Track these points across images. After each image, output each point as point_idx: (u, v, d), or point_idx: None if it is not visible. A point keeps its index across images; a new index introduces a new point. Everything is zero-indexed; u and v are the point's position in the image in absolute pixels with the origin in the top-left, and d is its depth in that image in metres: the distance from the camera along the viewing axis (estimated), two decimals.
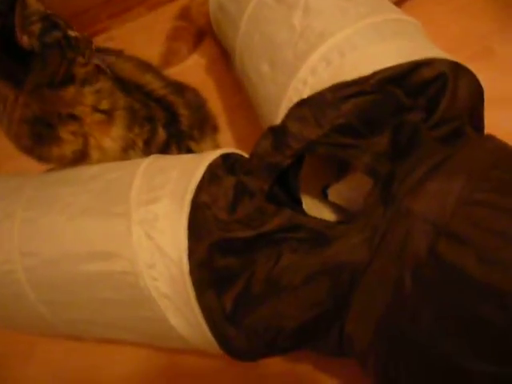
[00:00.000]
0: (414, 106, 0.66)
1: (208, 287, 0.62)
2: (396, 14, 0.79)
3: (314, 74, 0.70)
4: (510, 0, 1.06)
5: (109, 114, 0.80)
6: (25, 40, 0.65)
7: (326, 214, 0.81)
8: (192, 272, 0.61)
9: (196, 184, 0.65)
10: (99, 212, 0.69)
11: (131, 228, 0.64)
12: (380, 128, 0.65)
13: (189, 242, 0.62)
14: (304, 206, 0.80)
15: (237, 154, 0.75)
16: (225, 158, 0.72)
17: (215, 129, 1.12)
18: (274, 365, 0.81)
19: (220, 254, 0.62)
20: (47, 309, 0.75)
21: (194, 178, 0.66)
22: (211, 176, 0.67)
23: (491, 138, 0.62)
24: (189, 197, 0.64)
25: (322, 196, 0.83)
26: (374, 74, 0.65)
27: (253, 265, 0.62)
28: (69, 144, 0.77)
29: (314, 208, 0.81)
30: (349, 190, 0.81)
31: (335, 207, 0.82)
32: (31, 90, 0.70)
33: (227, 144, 1.13)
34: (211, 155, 0.70)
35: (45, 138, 0.76)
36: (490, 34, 1.02)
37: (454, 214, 0.52)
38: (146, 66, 0.94)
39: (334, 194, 0.81)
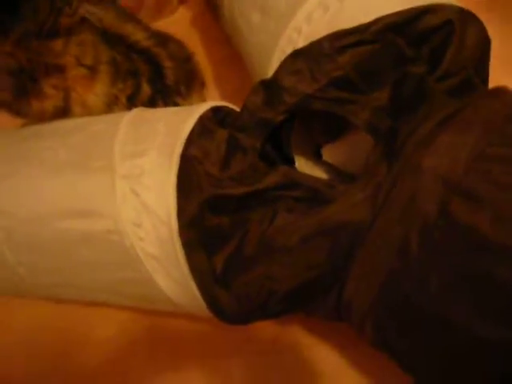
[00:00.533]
0: (417, 57, 0.61)
1: (198, 247, 0.59)
2: None
3: (309, 22, 0.65)
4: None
5: (92, 68, 0.75)
6: None
7: (320, 175, 0.78)
8: (181, 231, 0.58)
9: (185, 137, 0.60)
10: (79, 166, 0.64)
11: (115, 183, 0.60)
12: (380, 82, 0.61)
13: (178, 200, 0.58)
14: (297, 166, 0.76)
15: (227, 107, 0.71)
16: (215, 111, 0.67)
17: (202, 84, 1.07)
18: (263, 328, 0.78)
19: (211, 212, 0.58)
20: (26, 271, 0.71)
21: (184, 131, 0.61)
22: (202, 129, 0.62)
23: (504, 89, 0.58)
24: (178, 150, 0.59)
25: (316, 156, 0.79)
26: (375, 21, 0.60)
27: (246, 224, 0.58)
28: (51, 99, 0.72)
29: (307, 168, 0.77)
30: (345, 149, 0.78)
31: (330, 168, 0.79)
32: (18, 39, 0.65)
33: (213, 98, 1.08)
34: (201, 107, 0.66)
35: (26, 92, 0.71)
36: None
37: (467, 170, 0.49)
38: (127, 16, 0.88)
39: (328, 153, 0.78)
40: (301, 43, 0.65)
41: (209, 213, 0.58)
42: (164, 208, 0.58)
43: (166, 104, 0.90)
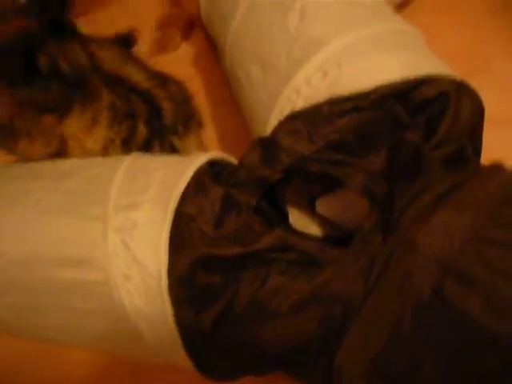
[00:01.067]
0: (412, 124, 0.63)
1: (187, 305, 0.58)
2: (397, 22, 0.76)
3: (308, 84, 0.67)
4: None
5: (93, 119, 0.76)
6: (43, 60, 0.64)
7: (313, 228, 0.79)
8: (171, 288, 0.58)
9: (181, 192, 0.61)
10: (73, 212, 0.64)
11: (107, 234, 0.60)
12: (376, 146, 0.62)
13: (169, 256, 0.58)
14: (290, 217, 0.77)
15: (224, 160, 0.71)
16: (211, 163, 0.68)
17: (200, 124, 1.08)
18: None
19: (203, 270, 0.58)
20: (8, 312, 0.70)
21: (179, 186, 0.61)
22: (197, 185, 0.62)
23: (501, 168, 0.59)
24: (172, 206, 0.59)
25: (310, 208, 0.80)
26: (374, 90, 0.62)
27: (237, 284, 0.58)
28: (43, 145, 0.73)
29: (300, 220, 0.78)
30: (339, 203, 0.78)
31: (323, 220, 0.79)
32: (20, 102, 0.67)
33: (211, 140, 1.09)
34: (198, 160, 0.66)
35: (16, 134, 0.71)
36: (491, 50, 1.00)
37: (462, 252, 0.49)
38: (126, 55, 0.90)
39: (322, 206, 0.78)
40: (300, 104, 0.67)
41: (200, 271, 0.58)
42: (155, 263, 0.58)
43: (162, 145, 0.90)
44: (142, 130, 0.85)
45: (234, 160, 0.74)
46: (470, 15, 1.08)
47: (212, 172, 0.67)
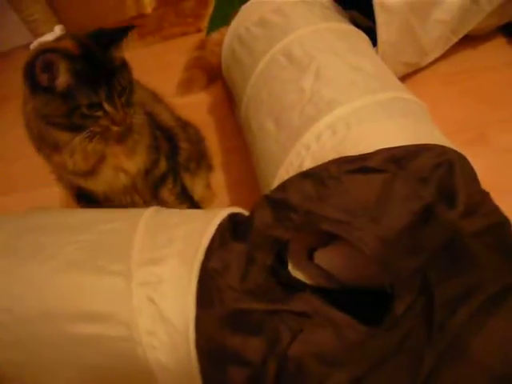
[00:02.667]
0: (426, 193, 0.62)
1: (215, 362, 0.57)
2: (403, 92, 0.82)
3: (318, 141, 0.71)
4: None
5: (133, 146, 0.84)
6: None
7: (310, 277, 0.81)
8: (198, 344, 0.57)
9: (205, 247, 0.62)
10: (92, 267, 0.63)
11: (132, 290, 0.59)
12: (388, 209, 0.62)
13: (197, 311, 0.58)
14: (289, 265, 0.79)
15: (240, 214, 0.73)
16: (230, 217, 0.70)
17: (210, 167, 1.14)
18: None
19: (231, 328, 0.58)
20: (12, 370, 0.67)
21: (204, 241, 0.62)
22: (221, 240, 0.63)
23: None
24: (198, 261, 0.60)
25: (309, 258, 0.82)
26: (379, 151, 0.65)
27: (265, 351, 0.56)
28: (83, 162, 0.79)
29: (299, 269, 0.80)
30: (337, 256, 0.80)
31: (321, 271, 0.81)
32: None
33: (218, 185, 1.14)
34: (219, 215, 0.67)
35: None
36: (489, 121, 1.05)
37: None
38: (158, 98, 0.98)
39: (320, 257, 0.81)
40: (308, 160, 0.71)
41: (229, 329, 0.57)
42: (182, 318, 0.58)
43: (175, 181, 0.96)
44: (162, 165, 0.91)
45: (246, 213, 0.76)
46: (473, 86, 1.15)
47: (231, 226, 0.69)
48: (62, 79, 0.69)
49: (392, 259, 0.59)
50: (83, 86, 0.70)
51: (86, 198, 0.90)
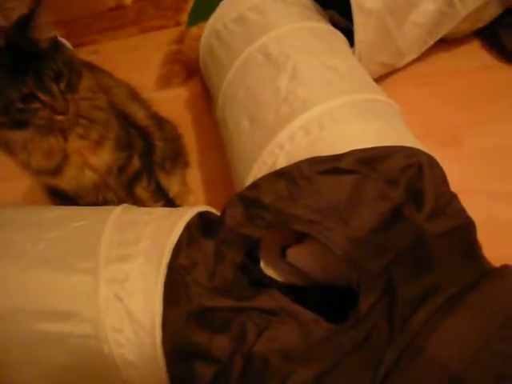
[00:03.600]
0: (394, 195, 0.64)
1: (180, 359, 0.57)
2: (377, 94, 0.83)
3: (291, 141, 0.72)
4: (486, 94, 1.12)
5: (97, 142, 0.80)
6: None
7: (282, 275, 0.81)
8: (164, 341, 0.57)
9: (173, 244, 0.62)
10: (61, 265, 0.63)
11: (99, 287, 0.59)
12: (357, 210, 0.64)
13: (164, 309, 0.58)
14: (261, 263, 0.79)
15: (210, 213, 0.73)
16: (199, 215, 0.70)
17: (186, 164, 1.13)
18: None
19: (198, 325, 0.58)
20: None
21: (172, 238, 0.62)
22: (190, 238, 0.64)
23: (510, 272, 0.57)
24: (166, 259, 0.60)
25: (281, 256, 0.83)
26: (350, 153, 0.66)
27: (232, 347, 0.57)
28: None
29: (271, 267, 0.81)
30: (308, 253, 0.81)
31: (292, 269, 0.82)
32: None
33: (194, 181, 1.13)
34: (188, 214, 0.67)
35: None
36: (459, 123, 1.07)
37: (472, 363, 0.48)
38: (134, 94, 0.95)
39: (292, 255, 0.81)
40: (281, 158, 0.71)
41: (195, 325, 0.58)
42: (148, 316, 0.58)
43: (150, 179, 0.94)
44: (136, 162, 0.90)
45: (216, 212, 0.76)
46: (443, 88, 1.17)
47: (200, 224, 0.69)
48: None
49: (359, 259, 0.61)
50: (9, 79, 0.65)
51: (59, 195, 0.87)
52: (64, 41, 0.80)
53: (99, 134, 0.80)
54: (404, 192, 0.65)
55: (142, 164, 0.91)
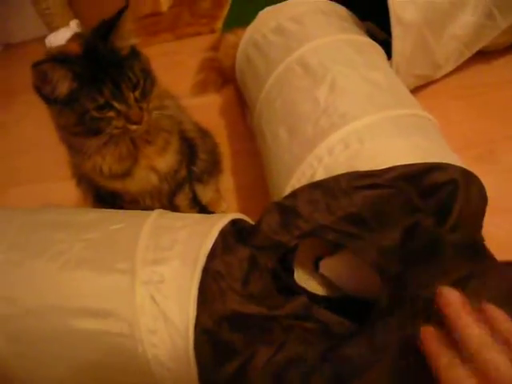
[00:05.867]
0: (424, 208, 0.66)
1: (211, 361, 0.58)
2: (416, 109, 0.82)
3: (330, 154, 0.72)
4: None
5: (163, 147, 0.83)
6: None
7: (314, 286, 0.82)
8: (196, 344, 0.58)
9: (209, 249, 0.63)
10: (98, 265, 0.65)
11: (135, 287, 0.60)
12: (390, 223, 0.65)
13: (198, 312, 0.59)
14: (295, 274, 0.80)
15: (243, 221, 0.74)
16: (233, 222, 0.71)
17: (220, 171, 1.14)
18: None
19: (227, 327, 0.59)
20: (16, 361, 0.67)
21: (206, 243, 0.63)
22: (224, 244, 0.65)
23: None
24: (201, 263, 0.61)
25: (314, 267, 0.83)
26: (390, 169, 0.66)
27: (255, 346, 0.58)
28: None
29: (303, 277, 0.81)
30: (341, 265, 0.82)
31: (325, 281, 0.82)
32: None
33: (227, 188, 1.15)
34: (223, 220, 0.69)
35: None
36: (498, 138, 1.06)
37: None
38: (183, 107, 0.97)
39: (325, 267, 0.82)
40: (320, 171, 0.72)
41: (225, 327, 0.59)
42: (182, 318, 0.59)
43: (190, 188, 0.97)
44: (183, 170, 0.92)
45: (250, 221, 0.77)
46: (484, 101, 1.15)
47: (234, 231, 0.70)
48: (62, 87, 0.65)
49: (388, 269, 0.62)
50: (86, 88, 0.65)
51: (105, 203, 0.90)
52: None
53: (165, 139, 0.82)
54: (435, 207, 0.66)
55: (187, 172, 0.93)
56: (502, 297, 0.53)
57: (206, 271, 0.61)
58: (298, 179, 0.73)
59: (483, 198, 0.71)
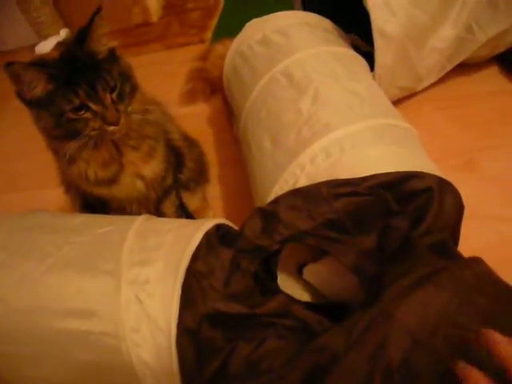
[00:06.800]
0: (401, 212, 0.68)
1: (192, 358, 0.60)
2: (397, 119, 0.85)
3: (312, 163, 0.74)
4: (503, 119, 1.14)
5: (149, 153, 0.85)
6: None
7: (298, 292, 0.83)
8: (178, 341, 0.59)
9: (192, 251, 0.65)
10: (85, 267, 0.67)
11: (120, 287, 0.62)
12: (368, 228, 0.67)
13: (180, 310, 0.61)
14: (279, 280, 0.81)
15: (227, 225, 0.76)
16: (217, 227, 0.73)
17: (207, 180, 1.16)
18: None
19: (209, 325, 0.61)
20: (2, 361, 0.69)
21: (191, 245, 0.65)
22: (208, 245, 0.67)
23: (479, 261, 0.63)
24: (185, 264, 0.63)
25: (298, 273, 0.85)
26: (369, 177, 0.69)
27: (236, 342, 0.60)
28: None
29: (287, 284, 0.83)
30: (324, 272, 0.83)
31: (308, 286, 0.84)
32: None
33: (213, 196, 1.16)
34: (207, 224, 0.71)
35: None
36: (477, 148, 1.09)
37: (434, 332, 0.53)
38: (170, 116, 0.99)
39: (309, 273, 0.83)
40: (302, 179, 0.74)
41: (206, 325, 0.61)
42: (165, 317, 0.60)
43: (176, 195, 0.99)
44: (169, 177, 0.94)
45: (234, 226, 0.79)
46: (465, 113, 1.19)
47: (218, 234, 0.72)
48: (37, 88, 0.67)
49: (365, 270, 0.65)
50: (61, 89, 0.67)
51: (92, 210, 0.91)
52: None
53: (150, 146, 0.83)
54: (410, 212, 0.69)
55: (173, 180, 0.95)
56: (465, 290, 0.57)
57: (190, 272, 0.63)
58: (280, 187, 0.75)
59: (458, 206, 0.73)
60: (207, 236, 0.68)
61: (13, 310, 0.66)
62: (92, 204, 0.90)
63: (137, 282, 0.63)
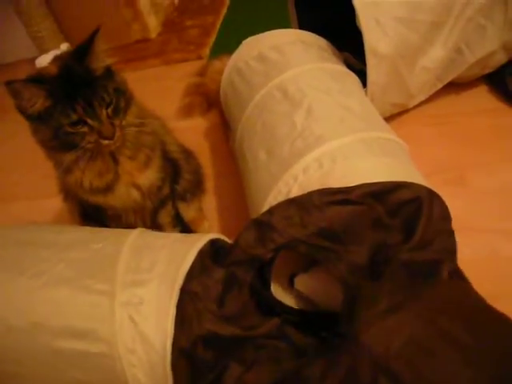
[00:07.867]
0: (391, 225, 0.70)
1: (186, 379, 0.61)
2: (387, 133, 0.88)
3: (305, 173, 0.77)
4: (491, 135, 1.17)
5: (146, 163, 0.86)
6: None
7: (290, 301, 0.85)
8: (174, 363, 0.60)
9: (186, 270, 0.66)
10: (79, 286, 0.67)
11: (114, 309, 0.63)
12: (359, 238, 0.69)
13: (175, 331, 0.61)
14: (272, 288, 0.83)
15: (221, 240, 0.78)
16: (211, 242, 0.74)
17: (203, 191, 1.18)
18: None
19: (203, 346, 0.62)
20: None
21: (184, 265, 0.66)
22: (201, 265, 0.68)
23: (460, 283, 0.64)
24: (179, 284, 0.64)
25: (290, 283, 0.86)
26: (360, 186, 0.71)
27: (227, 362, 0.62)
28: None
29: (279, 292, 0.84)
30: (315, 281, 0.85)
31: (300, 296, 0.85)
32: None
33: (209, 208, 1.18)
34: (201, 241, 0.72)
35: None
36: (467, 164, 1.12)
37: (397, 355, 0.54)
38: (168, 129, 1.01)
39: (300, 283, 0.85)
40: (295, 188, 0.76)
41: (201, 346, 0.62)
42: (160, 338, 0.61)
43: (172, 206, 1.00)
44: (166, 188, 0.95)
45: (228, 240, 0.81)
46: (455, 129, 1.22)
47: (212, 251, 0.73)
48: (37, 104, 0.70)
49: (352, 285, 0.66)
50: (60, 105, 0.70)
51: (90, 218, 0.93)
52: None
53: (146, 155, 0.85)
54: (400, 224, 0.70)
55: (170, 190, 0.97)
56: (432, 311, 0.58)
57: (184, 292, 0.64)
58: (274, 197, 0.77)
59: (446, 217, 0.75)
60: (201, 254, 0.69)
61: (7, 328, 0.67)
62: (89, 212, 0.92)
63: (131, 303, 0.64)
